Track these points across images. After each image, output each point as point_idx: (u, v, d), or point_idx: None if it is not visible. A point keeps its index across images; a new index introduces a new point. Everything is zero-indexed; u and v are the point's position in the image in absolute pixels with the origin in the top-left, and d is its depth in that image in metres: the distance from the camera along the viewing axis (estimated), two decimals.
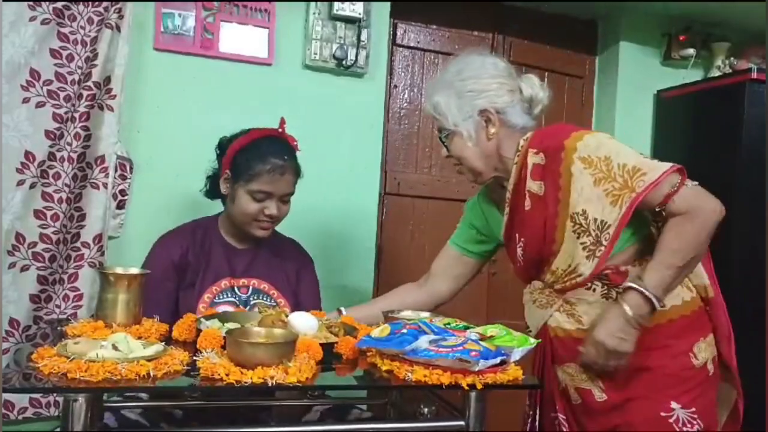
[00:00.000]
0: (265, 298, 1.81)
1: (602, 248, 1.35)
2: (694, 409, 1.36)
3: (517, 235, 1.49)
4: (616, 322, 1.31)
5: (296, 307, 1.80)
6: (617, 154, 1.35)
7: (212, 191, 1.91)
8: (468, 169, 1.54)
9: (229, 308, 1.72)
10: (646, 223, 1.45)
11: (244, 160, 1.76)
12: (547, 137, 1.45)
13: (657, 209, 1.36)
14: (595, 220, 1.35)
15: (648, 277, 1.31)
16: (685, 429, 1.35)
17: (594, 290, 1.40)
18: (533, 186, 1.43)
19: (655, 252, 1.33)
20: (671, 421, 1.35)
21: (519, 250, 1.49)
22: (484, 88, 1.49)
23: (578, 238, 1.38)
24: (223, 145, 1.87)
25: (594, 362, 1.37)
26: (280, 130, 1.86)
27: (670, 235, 1.32)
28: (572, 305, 1.43)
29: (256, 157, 1.75)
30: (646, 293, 1.29)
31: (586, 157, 1.36)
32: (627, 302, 1.31)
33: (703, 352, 1.40)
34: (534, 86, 1.53)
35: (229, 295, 1.78)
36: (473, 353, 1.19)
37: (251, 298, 1.79)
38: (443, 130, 1.53)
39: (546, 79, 3.08)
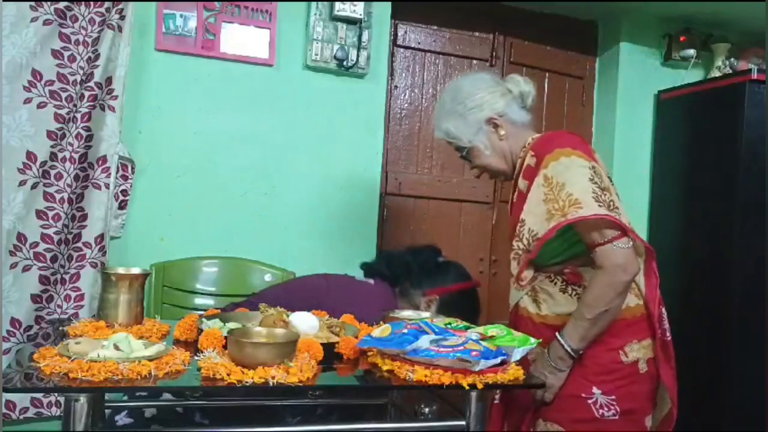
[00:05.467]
0: None
1: (527, 255, 1.54)
2: (614, 396, 1.51)
3: (512, 217, 1.68)
4: (539, 363, 1.52)
5: None
6: (573, 184, 1.48)
7: (392, 277, 1.95)
8: (494, 173, 1.72)
9: None
10: None
11: (460, 305, 1.87)
12: (542, 145, 1.59)
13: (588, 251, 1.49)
14: (530, 230, 1.54)
15: (566, 329, 1.49)
16: (602, 411, 1.51)
17: (555, 284, 1.57)
18: (521, 183, 1.62)
19: (578, 303, 1.50)
20: (590, 402, 1.51)
21: (511, 229, 1.69)
22: (481, 101, 1.65)
23: (514, 242, 1.58)
24: (430, 265, 1.95)
25: None
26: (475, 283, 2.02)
27: (588, 290, 1.48)
28: (537, 293, 1.59)
29: (469, 307, 1.92)
30: (562, 343, 1.48)
31: (550, 176, 1.52)
32: (550, 348, 1.51)
33: (635, 352, 1.54)
34: (519, 83, 1.68)
35: None
36: (474, 353, 1.19)
37: None
38: (461, 149, 1.70)
39: (546, 80, 3.09)
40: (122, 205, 2.22)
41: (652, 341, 1.56)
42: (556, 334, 1.49)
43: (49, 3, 2.03)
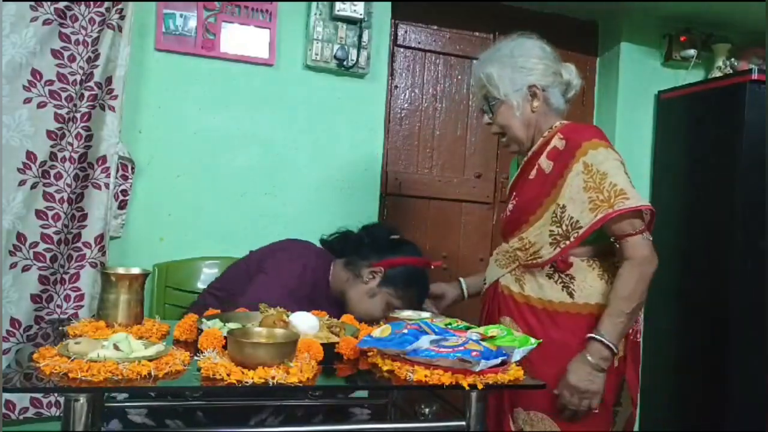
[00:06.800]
0: None
1: (568, 242, 1.57)
2: None
3: (514, 193, 1.74)
4: (583, 369, 1.51)
5: None
6: (614, 175, 1.54)
7: (340, 251, 1.95)
8: (510, 137, 1.72)
9: None
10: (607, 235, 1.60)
11: (404, 280, 1.84)
12: (576, 131, 1.65)
13: (612, 239, 1.55)
14: (571, 218, 1.56)
15: (604, 328, 1.51)
16: None
17: (542, 268, 1.61)
18: (544, 162, 1.65)
19: (610, 299, 1.53)
20: None
21: (510, 206, 1.74)
22: (534, 67, 1.67)
23: (550, 225, 1.60)
24: (381, 239, 1.93)
25: (570, 403, 1.54)
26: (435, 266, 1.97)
27: (620, 284, 1.51)
28: (522, 273, 1.65)
29: (414, 285, 1.86)
30: (605, 342, 1.49)
31: (589, 164, 1.56)
32: (589, 351, 1.51)
33: None
34: (572, 73, 1.73)
35: None
36: (474, 353, 1.19)
37: None
38: (491, 99, 1.70)
39: None
40: (122, 205, 2.22)
41: (624, 340, 1.59)
42: (595, 335, 1.49)
43: (48, 3, 2.03)
